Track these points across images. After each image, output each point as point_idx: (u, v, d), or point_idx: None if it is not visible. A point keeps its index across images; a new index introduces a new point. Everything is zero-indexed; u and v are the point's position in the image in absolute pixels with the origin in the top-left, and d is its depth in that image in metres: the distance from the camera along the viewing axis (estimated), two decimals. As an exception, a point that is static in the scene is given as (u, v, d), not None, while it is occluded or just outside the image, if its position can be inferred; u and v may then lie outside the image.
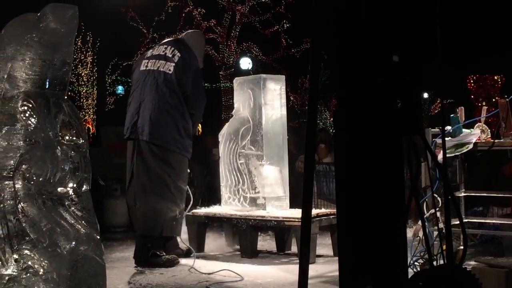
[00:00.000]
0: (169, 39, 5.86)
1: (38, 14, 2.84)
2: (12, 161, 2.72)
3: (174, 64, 5.23)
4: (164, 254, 5.09)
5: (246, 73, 16.67)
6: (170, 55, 5.29)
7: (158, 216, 5.07)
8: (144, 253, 5.06)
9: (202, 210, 5.82)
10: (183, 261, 5.16)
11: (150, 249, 5.04)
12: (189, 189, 5.40)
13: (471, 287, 2.18)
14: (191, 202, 5.43)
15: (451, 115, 4.80)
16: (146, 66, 5.33)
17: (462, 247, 4.75)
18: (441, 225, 3.57)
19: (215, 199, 6.19)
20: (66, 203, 2.79)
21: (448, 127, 4.67)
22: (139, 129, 5.17)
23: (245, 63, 18.60)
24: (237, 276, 4.60)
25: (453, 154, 4.68)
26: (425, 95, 21.19)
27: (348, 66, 2.20)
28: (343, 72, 2.22)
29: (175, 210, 5.11)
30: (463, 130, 4.76)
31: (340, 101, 2.26)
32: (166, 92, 5.18)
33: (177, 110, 5.19)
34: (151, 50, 5.55)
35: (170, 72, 5.21)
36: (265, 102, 5.60)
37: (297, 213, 5.28)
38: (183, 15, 18.33)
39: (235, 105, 5.84)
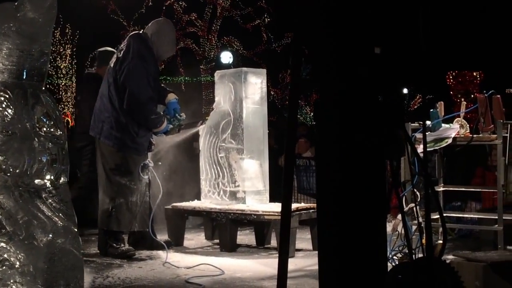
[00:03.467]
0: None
1: (16, 4, 2.79)
2: (-12, 153, 2.68)
3: (116, 58, 5.29)
4: (121, 246, 5.17)
5: (227, 67, 16.59)
6: (120, 49, 5.30)
7: (99, 209, 5.28)
8: (103, 245, 5.23)
9: (181, 204, 5.80)
10: (162, 254, 5.14)
11: (107, 240, 5.19)
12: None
13: (450, 279, 2.19)
14: (153, 211, 5.31)
15: (431, 110, 4.83)
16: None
17: (441, 241, 4.79)
18: (420, 219, 3.59)
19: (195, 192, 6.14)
20: (43, 195, 2.76)
21: (428, 122, 4.69)
22: None
23: (226, 57, 18.51)
24: (217, 270, 4.59)
25: (432, 149, 4.72)
26: (405, 90, 21.30)
27: (330, 58, 2.19)
28: (325, 65, 2.21)
29: (107, 203, 5.18)
30: (442, 124, 4.79)
31: (322, 94, 2.26)
32: (105, 86, 5.29)
33: (111, 103, 5.20)
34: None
35: (112, 66, 5.28)
36: (246, 95, 5.58)
37: (276, 207, 5.27)
38: (164, 8, 18.19)
39: (216, 98, 5.81)
